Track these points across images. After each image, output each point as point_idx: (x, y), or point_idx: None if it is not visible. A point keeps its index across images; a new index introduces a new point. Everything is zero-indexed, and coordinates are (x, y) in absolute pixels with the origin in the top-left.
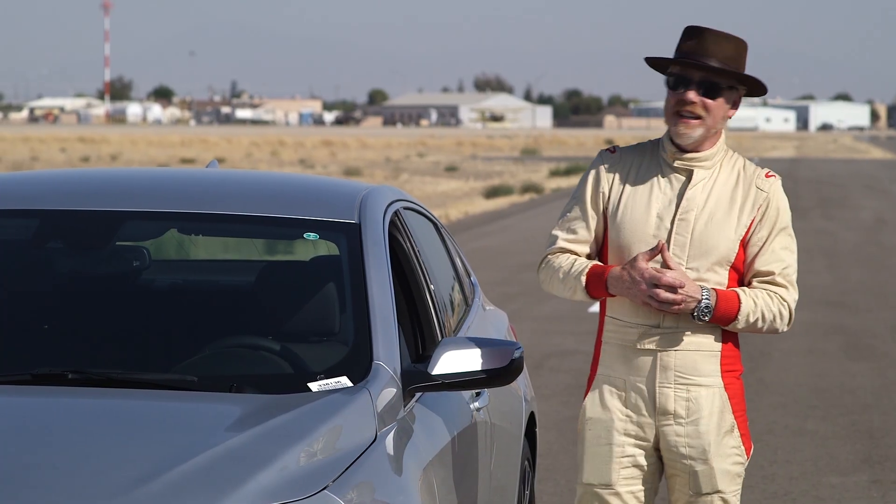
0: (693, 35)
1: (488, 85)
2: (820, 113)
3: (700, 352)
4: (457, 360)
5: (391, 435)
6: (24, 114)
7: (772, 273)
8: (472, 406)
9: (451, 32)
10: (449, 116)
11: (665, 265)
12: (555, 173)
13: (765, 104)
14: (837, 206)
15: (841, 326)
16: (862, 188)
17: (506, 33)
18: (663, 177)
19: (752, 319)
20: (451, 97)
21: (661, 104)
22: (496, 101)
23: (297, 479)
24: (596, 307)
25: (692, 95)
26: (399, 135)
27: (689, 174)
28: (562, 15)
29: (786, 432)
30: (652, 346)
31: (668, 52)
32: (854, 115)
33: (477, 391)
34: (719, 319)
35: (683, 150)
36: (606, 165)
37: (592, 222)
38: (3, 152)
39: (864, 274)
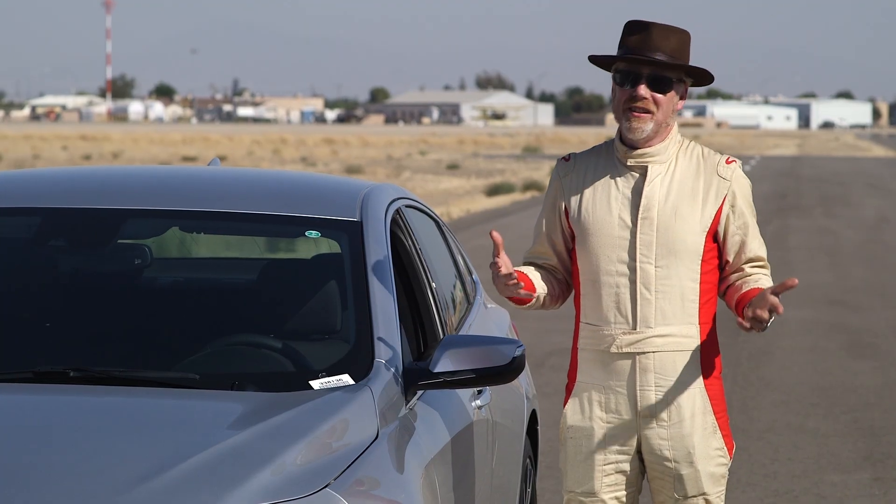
0: (638, 30)
1: (490, 83)
2: (822, 111)
3: (678, 352)
4: (458, 358)
5: (393, 433)
6: (26, 112)
7: (763, 258)
8: (473, 404)
9: (453, 30)
10: (450, 114)
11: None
12: None
13: (767, 102)
14: (839, 204)
15: (843, 325)
16: (864, 186)
17: (507, 31)
18: (619, 176)
19: None
20: (452, 95)
21: None
22: (498, 99)
23: (299, 477)
24: None
25: (643, 91)
26: (401, 133)
27: (643, 171)
28: (563, 13)
29: (787, 430)
30: (629, 350)
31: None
32: (856, 113)
33: (478, 389)
34: None
35: (634, 148)
36: (562, 175)
37: (554, 235)
38: (4, 150)
39: (866, 272)
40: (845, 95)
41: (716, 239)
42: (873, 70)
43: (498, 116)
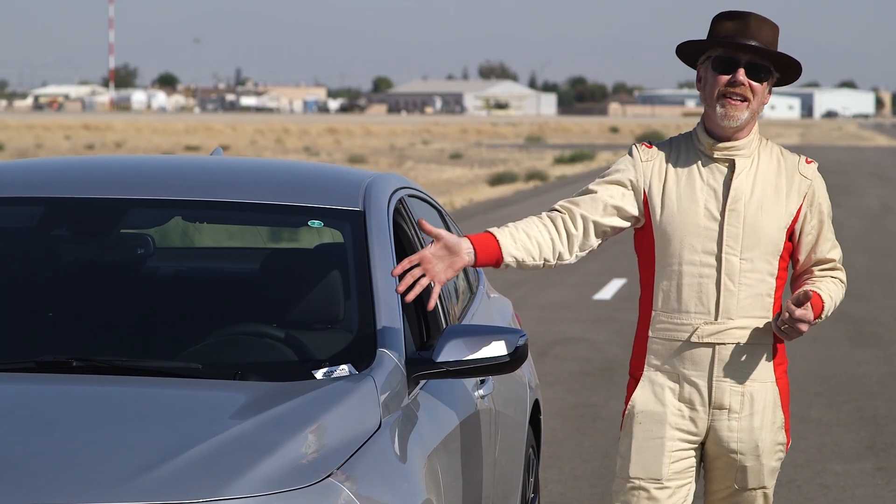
0: (733, 17)
1: (493, 72)
2: (824, 100)
3: (756, 345)
4: (461, 348)
5: (395, 422)
6: (29, 101)
7: (833, 260)
8: (476, 394)
9: (456, 20)
10: (453, 104)
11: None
12: (559, 161)
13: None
14: (842, 193)
15: (846, 314)
16: (867, 175)
17: (510, 21)
18: (704, 167)
19: (829, 315)
20: (455, 84)
21: (665, 91)
22: (501, 89)
23: (301, 467)
24: (601, 294)
25: (742, 76)
26: (403, 122)
27: (730, 164)
28: (566, 2)
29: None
30: (710, 340)
31: (672, 41)
32: (859, 102)
33: (481, 379)
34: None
35: (720, 140)
36: (644, 159)
37: (613, 201)
38: (7, 140)
39: (869, 261)
40: (848, 85)
41: (791, 237)
42: (876, 59)
43: (501, 106)
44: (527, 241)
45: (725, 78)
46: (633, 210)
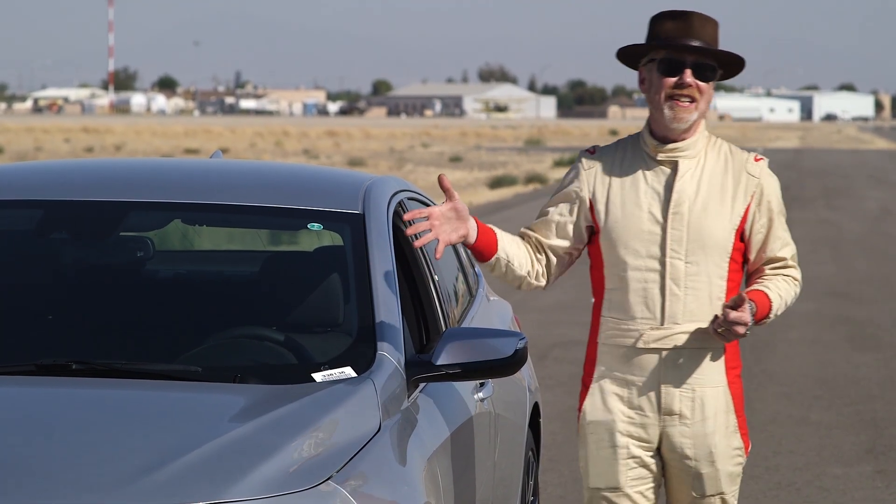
0: (675, 17)
1: (492, 75)
2: (824, 103)
3: (705, 349)
4: (461, 351)
5: (395, 425)
6: (29, 104)
7: (784, 259)
8: (476, 396)
9: (456, 23)
10: (453, 107)
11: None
12: (559, 164)
13: (769, 94)
14: (842, 196)
15: (846, 317)
16: (866, 178)
17: (510, 23)
18: (648, 170)
19: (779, 314)
20: (455, 87)
21: None
22: (500, 92)
23: (301, 470)
24: None
25: (689, 77)
26: (403, 125)
27: (674, 166)
28: (566, 5)
29: (790, 422)
30: (656, 345)
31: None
32: (858, 105)
33: (481, 382)
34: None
35: (664, 142)
36: (586, 167)
37: (565, 223)
38: (7, 143)
39: (868, 264)
40: (848, 88)
41: (743, 237)
42: (876, 62)
43: (500, 109)
44: (516, 248)
45: (672, 80)
46: (584, 222)
